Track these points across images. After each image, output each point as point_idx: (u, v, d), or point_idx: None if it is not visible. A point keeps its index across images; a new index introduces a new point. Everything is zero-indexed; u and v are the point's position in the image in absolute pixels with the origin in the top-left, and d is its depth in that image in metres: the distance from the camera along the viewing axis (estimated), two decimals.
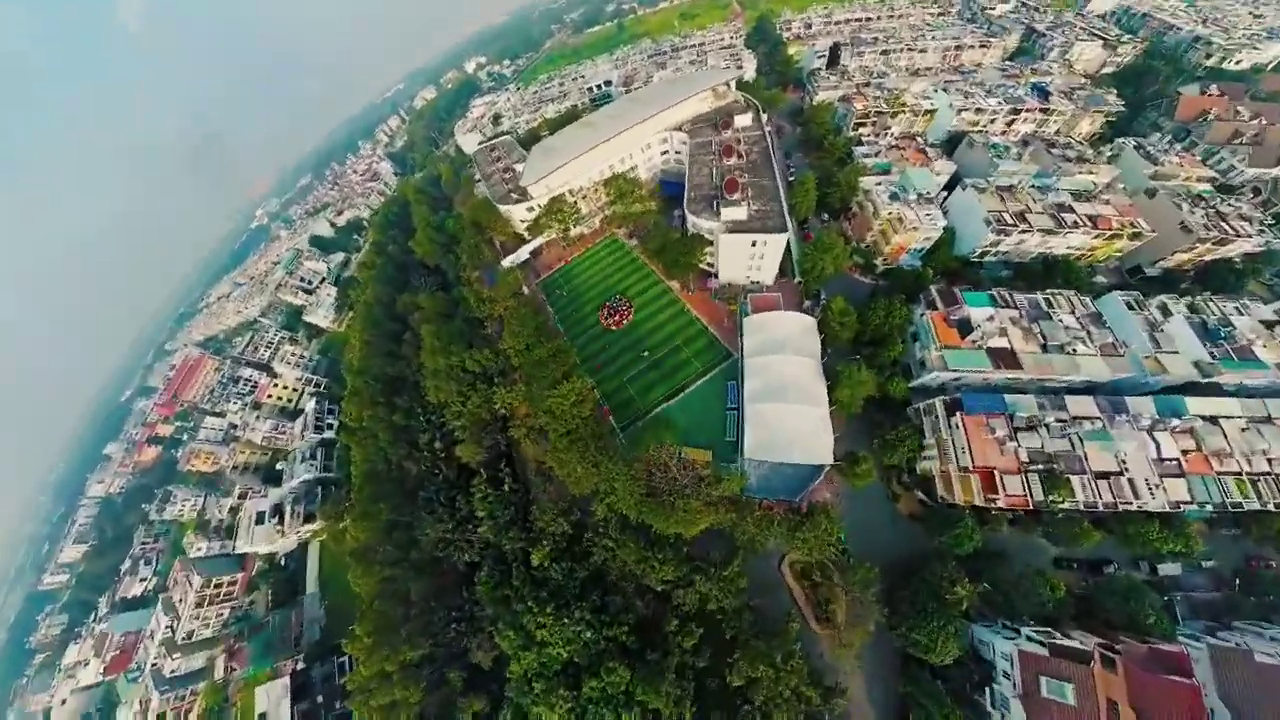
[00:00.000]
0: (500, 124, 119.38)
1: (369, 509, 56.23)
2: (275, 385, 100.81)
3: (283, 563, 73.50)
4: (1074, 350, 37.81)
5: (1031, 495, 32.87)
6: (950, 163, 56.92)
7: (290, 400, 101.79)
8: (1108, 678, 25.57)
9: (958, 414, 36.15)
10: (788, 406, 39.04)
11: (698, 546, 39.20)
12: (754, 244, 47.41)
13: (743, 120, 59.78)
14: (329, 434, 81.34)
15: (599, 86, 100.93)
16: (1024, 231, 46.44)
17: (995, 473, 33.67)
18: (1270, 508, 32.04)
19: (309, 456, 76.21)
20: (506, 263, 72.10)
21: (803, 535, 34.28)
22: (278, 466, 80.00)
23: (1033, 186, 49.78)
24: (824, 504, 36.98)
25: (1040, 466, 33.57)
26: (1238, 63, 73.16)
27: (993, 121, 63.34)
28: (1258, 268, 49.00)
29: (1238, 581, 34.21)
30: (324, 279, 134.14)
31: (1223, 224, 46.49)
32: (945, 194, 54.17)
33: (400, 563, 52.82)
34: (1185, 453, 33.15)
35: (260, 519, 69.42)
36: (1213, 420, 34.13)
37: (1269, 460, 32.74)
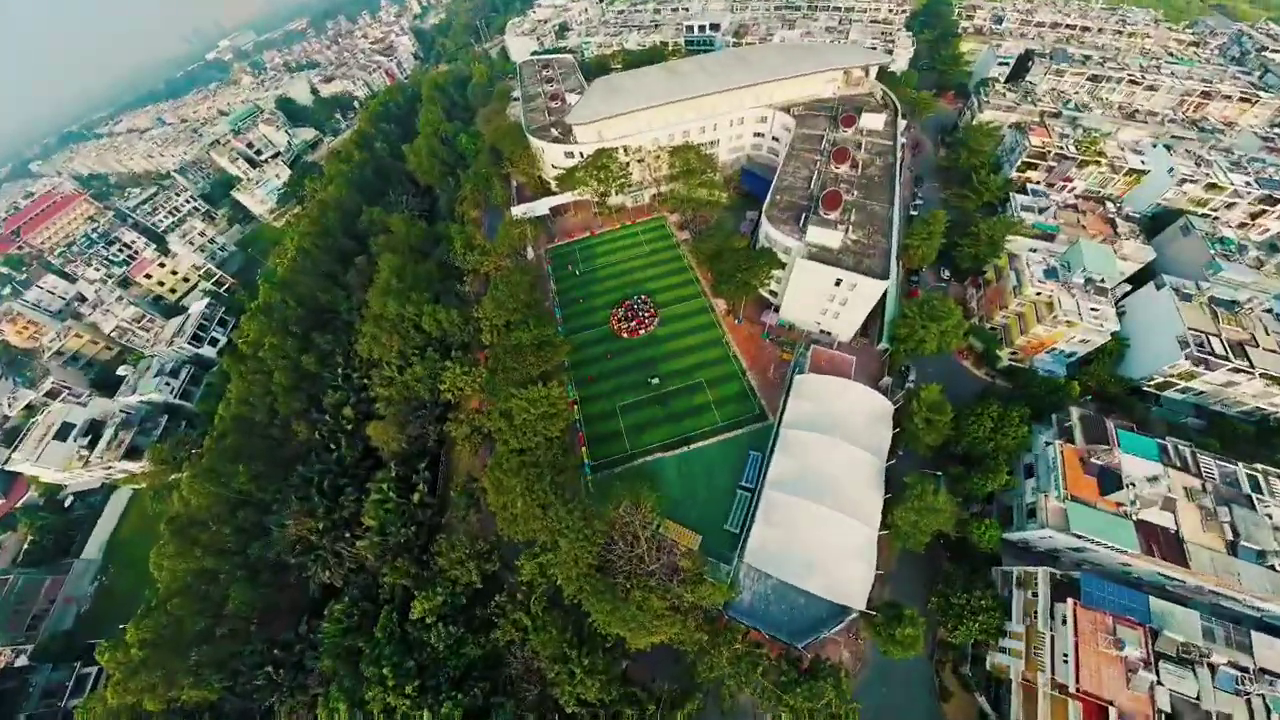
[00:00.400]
0: (565, 38, 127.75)
1: (221, 467, 56.09)
2: (161, 266, 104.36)
3: (67, 503, 72.82)
4: None
5: None
6: (1147, 248, 56.69)
7: (174, 291, 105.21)
8: None
9: (1069, 601, 34.31)
10: (821, 510, 38.06)
11: (642, 664, 37.78)
12: (838, 282, 47.63)
13: (872, 120, 61.69)
14: (208, 351, 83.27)
15: (702, 29, 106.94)
16: (1239, 370, 44.98)
17: (1110, 710, 31.12)
18: None
19: (168, 372, 77.65)
20: (517, 211, 74.51)
21: (794, 701, 32.67)
22: (120, 371, 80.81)
23: (1268, 310, 48.57)
24: (836, 666, 35.39)
25: None
26: None
27: (1229, 206, 62.09)
28: None
29: None
30: (279, 154, 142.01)
31: None
32: (1128, 287, 53.91)
33: (232, 555, 52.04)
34: None
35: (63, 433, 68.55)
36: None
37: None
